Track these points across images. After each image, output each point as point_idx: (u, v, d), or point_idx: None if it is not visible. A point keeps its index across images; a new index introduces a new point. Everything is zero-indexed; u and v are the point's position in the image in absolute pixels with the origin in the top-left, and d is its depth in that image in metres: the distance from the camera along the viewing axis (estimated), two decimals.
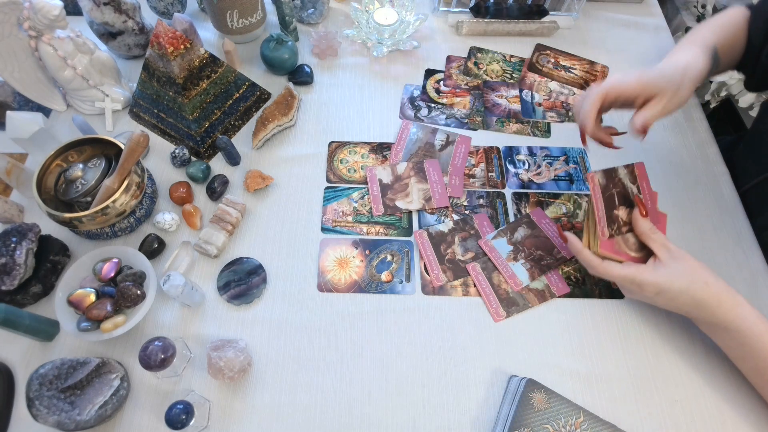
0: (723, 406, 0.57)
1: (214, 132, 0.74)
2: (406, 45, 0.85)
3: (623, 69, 0.86)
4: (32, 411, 0.51)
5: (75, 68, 0.70)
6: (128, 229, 0.65)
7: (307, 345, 0.60)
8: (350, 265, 0.66)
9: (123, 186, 0.61)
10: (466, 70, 0.85)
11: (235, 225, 0.67)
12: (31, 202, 0.69)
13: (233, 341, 0.57)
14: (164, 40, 0.64)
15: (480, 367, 0.59)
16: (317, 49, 0.85)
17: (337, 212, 0.70)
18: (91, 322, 0.56)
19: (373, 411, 0.56)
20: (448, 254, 0.66)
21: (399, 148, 0.75)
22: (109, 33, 0.78)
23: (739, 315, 0.52)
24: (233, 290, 0.63)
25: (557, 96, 0.83)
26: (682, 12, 1.29)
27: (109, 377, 0.54)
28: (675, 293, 0.53)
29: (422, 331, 0.61)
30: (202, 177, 0.70)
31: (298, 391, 0.57)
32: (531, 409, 0.54)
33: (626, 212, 0.58)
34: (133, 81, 0.80)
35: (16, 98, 1.02)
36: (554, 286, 0.64)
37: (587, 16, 0.93)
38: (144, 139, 0.61)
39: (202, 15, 0.91)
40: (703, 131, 0.79)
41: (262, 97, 0.80)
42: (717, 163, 0.76)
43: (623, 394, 0.58)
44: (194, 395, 0.55)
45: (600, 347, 0.60)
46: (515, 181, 0.73)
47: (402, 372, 0.59)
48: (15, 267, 0.57)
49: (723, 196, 0.72)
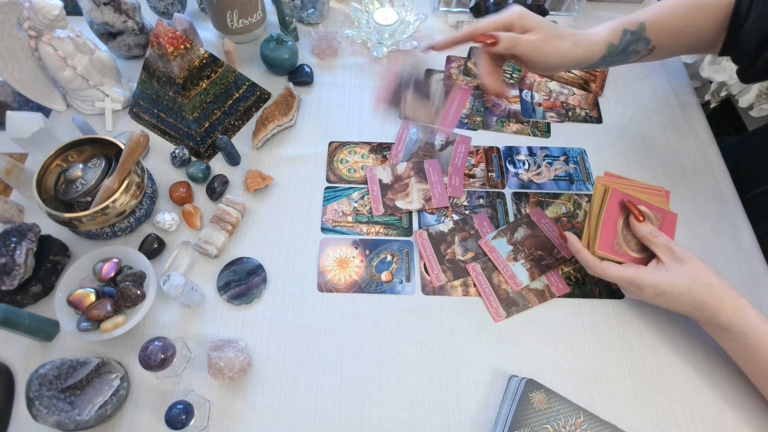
0: (723, 406, 0.57)
1: (214, 132, 0.74)
2: (406, 45, 0.85)
3: (623, 69, 0.86)
4: (32, 411, 0.51)
5: (75, 68, 0.70)
6: (128, 229, 0.65)
7: (307, 345, 0.60)
8: (350, 265, 0.66)
9: (123, 186, 0.61)
10: (466, 70, 0.85)
11: (235, 225, 0.67)
12: (31, 202, 0.69)
13: (233, 341, 0.57)
14: (164, 40, 0.64)
15: (480, 367, 0.59)
16: (317, 49, 0.85)
17: (337, 212, 0.70)
18: (91, 322, 0.56)
19: (373, 411, 0.56)
20: (448, 254, 0.66)
21: (399, 148, 0.75)
22: (109, 33, 0.78)
23: (741, 317, 0.52)
24: (233, 290, 0.63)
25: (557, 96, 0.83)
26: None
27: (109, 377, 0.54)
28: (675, 295, 0.53)
29: (422, 331, 0.61)
30: (202, 177, 0.70)
31: (298, 391, 0.57)
32: (531, 409, 0.54)
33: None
34: (133, 81, 0.80)
35: (16, 98, 1.01)
36: (554, 286, 0.64)
37: (587, 16, 0.93)
38: (144, 139, 0.61)
39: (202, 15, 0.91)
40: (703, 131, 0.79)
41: (262, 97, 0.80)
42: (717, 163, 0.76)
43: (623, 394, 0.58)
44: (194, 395, 0.55)
45: (600, 347, 0.60)
46: (515, 181, 0.73)
47: (402, 372, 0.59)
48: (15, 267, 0.57)
49: (723, 196, 0.72)
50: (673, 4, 0.62)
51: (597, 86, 0.84)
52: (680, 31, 0.62)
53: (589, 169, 0.74)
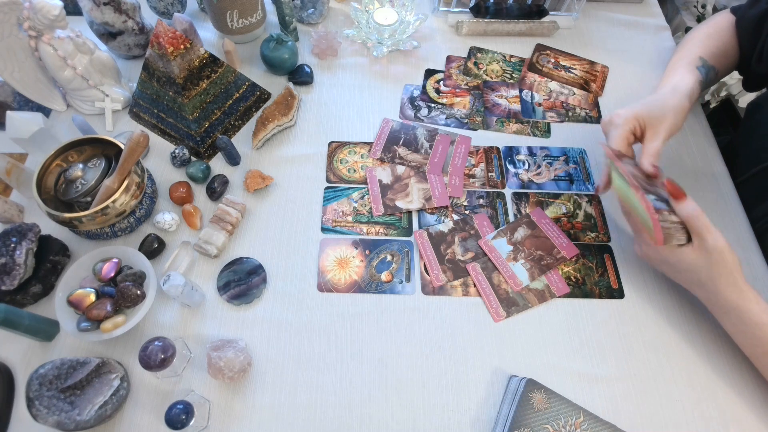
0: (723, 406, 0.57)
1: (214, 132, 0.74)
2: (406, 45, 0.85)
3: (623, 69, 0.86)
4: (32, 411, 0.51)
5: (75, 68, 0.70)
6: (128, 229, 0.65)
7: (307, 345, 0.60)
8: (350, 265, 0.66)
9: (123, 186, 0.61)
10: (466, 70, 0.85)
11: (235, 225, 0.67)
12: (31, 202, 0.69)
13: (233, 341, 0.57)
14: (164, 40, 0.64)
15: (480, 367, 0.59)
16: (317, 49, 0.85)
17: (337, 212, 0.70)
18: (91, 322, 0.56)
19: (373, 411, 0.56)
20: (448, 254, 0.66)
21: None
22: (109, 33, 0.78)
23: (739, 299, 0.53)
24: (233, 290, 0.63)
25: (557, 96, 0.83)
26: (682, 12, 1.28)
27: (109, 377, 0.54)
28: (682, 271, 0.55)
29: (422, 331, 0.61)
30: (202, 177, 0.70)
31: (298, 391, 0.57)
32: (531, 409, 0.54)
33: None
34: (133, 81, 0.80)
35: (16, 98, 1.02)
36: (554, 286, 0.64)
37: (587, 16, 0.93)
38: (144, 139, 0.61)
39: (202, 15, 0.91)
40: (703, 131, 0.79)
41: (262, 97, 0.80)
42: (716, 162, 0.76)
43: (623, 394, 0.58)
44: (194, 395, 0.55)
45: (600, 347, 0.61)
46: (515, 181, 0.73)
47: (402, 372, 0.59)
48: (15, 267, 0.57)
49: (723, 196, 0.72)
50: (719, 29, 0.73)
51: (597, 86, 0.84)
52: (728, 55, 0.73)
53: (589, 169, 0.74)
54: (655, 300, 0.64)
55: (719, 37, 0.72)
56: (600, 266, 0.66)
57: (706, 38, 0.72)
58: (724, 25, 0.73)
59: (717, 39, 0.72)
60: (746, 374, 0.59)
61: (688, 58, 0.70)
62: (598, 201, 0.72)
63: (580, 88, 0.83)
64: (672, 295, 0.64)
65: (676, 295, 0.64)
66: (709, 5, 1.26)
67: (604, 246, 0.68)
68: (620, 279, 0.65)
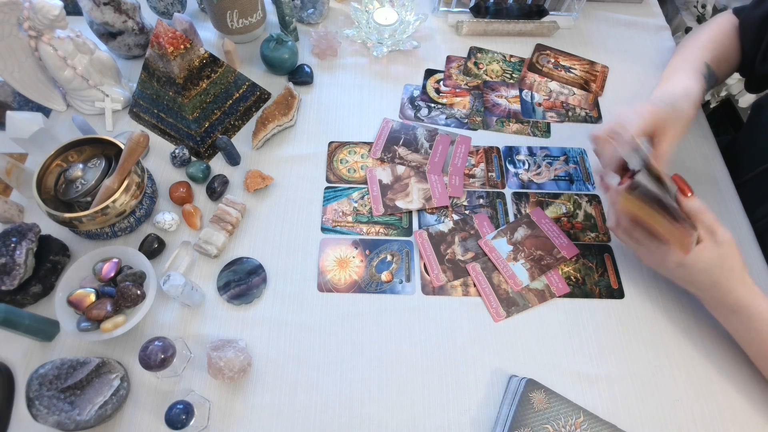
0: (723, 406, 0.57)
1: (214, 132, 0.74)
2: (406, 45, 0.85)
3: (623, 69, 0.86)
4: (32, 411, 0.51)
5: (75, 68, 0.70)
6: (128, 229, 0.65)
7: (307, 345, 0.60)
8: (350, 265, 0.66)
9: (123, 186, 0.61)
10: (466, 70, 0.85)
11: (235, 225, 0.67)
12: (31, 202, 0.69)
13: (233, 341, 0.57)
14: (164, 40, 0.64)
15: (480, 367, 0.59)
16: (317, 49, 0.85)
17: (337, 212, 0.70)
18: (91, 322, 0.56)
19: (373, 411, 0.56)
20: (448, 254, 0.66)
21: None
22: (109, 33, 0.78)
23: (750, 299, 0.53)
24: (233, 290, 0.63)
25: (557, 96, 0.83)
26: (682, 12, 1.28)
27: (109, 377, 0.54)
28: (697, 271, 0.54)
29: (422, 331, 0.61)
30: (202, 177, 0.70)
31: (298, 391, 0.57)
32: (531, 409, 0.54)
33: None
34: (133, 81, 0.80)
35: (16, 98, 1.01)
36: (554, 286, 0.64)
37: (587, 16, 0.93)
38: (144, 139, 0.61)
39: (202, 15, 0.91)
40: (703, 131, 0.79)
41: (262, 97, 0.80)
42: (717, 163, 0.76)
43: (623, 394, 0.58)
44: (194, 395, 0.55)
45: (600, 347, 0.61)
46: (515, 181, 0.73)
47: (402, 372, 0.59)
48: (15, 267, 0.57)
49: (723, 196, 0.72)
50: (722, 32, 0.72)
51: (597, 86, 0.84)
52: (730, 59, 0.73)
53: (589, 169, 0.74)
54: (655, 300, 0.64)
55: (723, 41, 0.71)
56: (600, 266, 0.66)
57: (710, 42, 0.71)
58: (728, 29, 0.72)
59: (721, 44, 0.71)
60: (746, 374, 0.59)
61: (693, 62, 0.69)
62: (598, 201, 0.72)
63: (580, 88, 0.83)
64: (672, 294, 0.64)
65: (676, 295, 0.64)
66: (709, 5, 1.26)
67: (604, 246, 0.68)
68: (620, 279, 0.65)
